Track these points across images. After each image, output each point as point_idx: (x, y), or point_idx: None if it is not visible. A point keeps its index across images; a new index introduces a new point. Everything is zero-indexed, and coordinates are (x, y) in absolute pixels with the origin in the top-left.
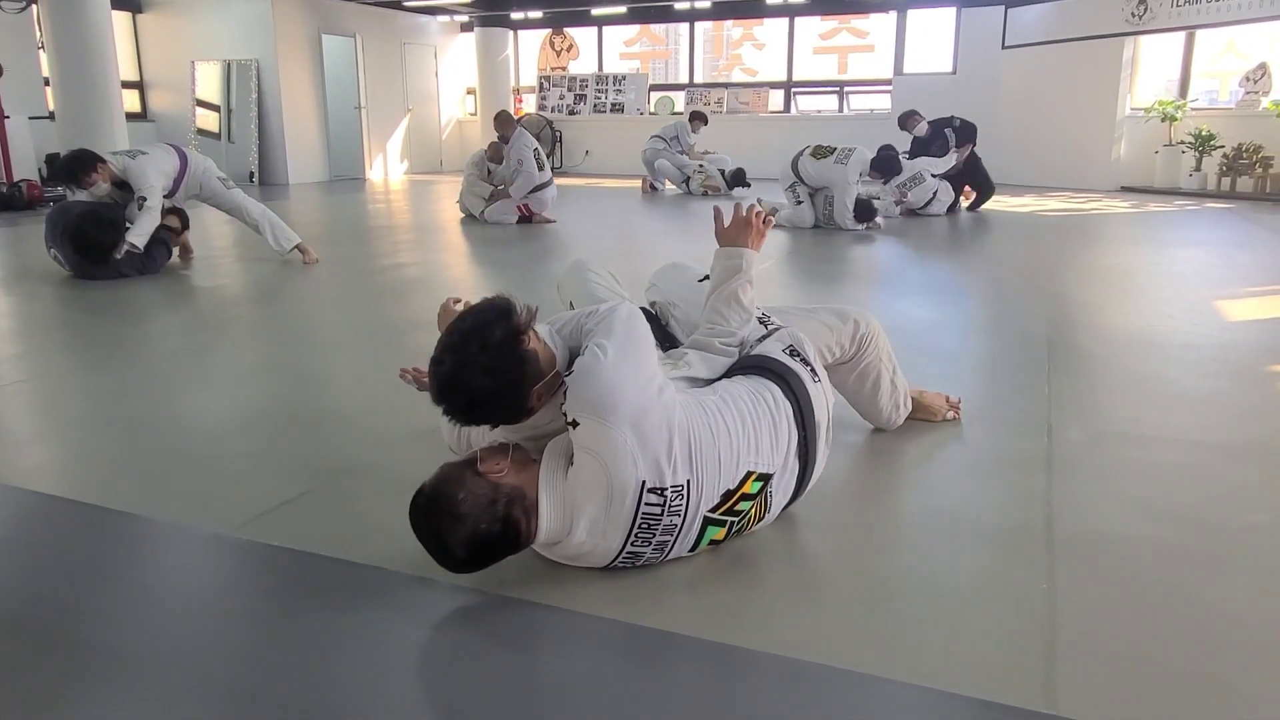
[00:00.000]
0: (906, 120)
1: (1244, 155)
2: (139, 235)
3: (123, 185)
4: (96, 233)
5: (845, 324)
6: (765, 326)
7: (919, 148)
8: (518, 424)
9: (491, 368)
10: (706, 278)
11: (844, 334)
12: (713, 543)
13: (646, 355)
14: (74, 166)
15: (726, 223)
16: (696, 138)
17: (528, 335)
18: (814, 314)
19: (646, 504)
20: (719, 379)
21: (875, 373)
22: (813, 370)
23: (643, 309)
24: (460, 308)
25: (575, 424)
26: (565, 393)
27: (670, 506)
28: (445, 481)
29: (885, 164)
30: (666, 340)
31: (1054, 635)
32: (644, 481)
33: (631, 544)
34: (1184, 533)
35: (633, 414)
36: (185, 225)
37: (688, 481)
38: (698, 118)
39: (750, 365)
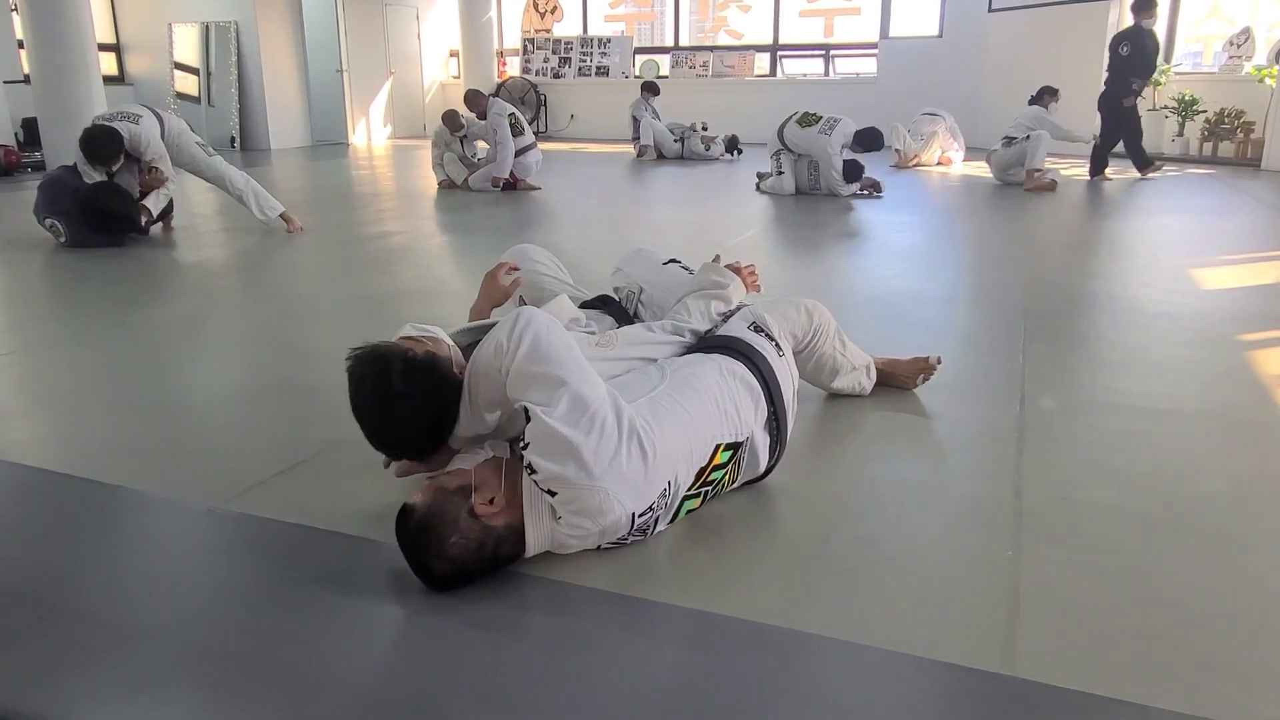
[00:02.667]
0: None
1: (1226, 120)
2: (156, 204)
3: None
4: (110, 203)
5: (799, 315)
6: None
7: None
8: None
9: (424, 389)
10: (673, 260)
11: (798, 325)
12: (689, 511)
13: (590, 387)
14: (107, 150)
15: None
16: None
17: (419, 351)
18: (772, 305)
19: (637, 521)
20: (682, 355)
21: (831, 361)
22: (777, 345)
23: (606, 296)
24: (509, 278)
25: (553, 493)
26: (527, 454)
27: (656, 506)
28: (437, 516)
29: (869, 139)
30: (630, 323)
31: (1017, 601)
32: (633, 513)
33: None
34: (1146, 500)
35: (603, 463)
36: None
37: (669, 481)
38: (649, 89)
39: (716, 344)
